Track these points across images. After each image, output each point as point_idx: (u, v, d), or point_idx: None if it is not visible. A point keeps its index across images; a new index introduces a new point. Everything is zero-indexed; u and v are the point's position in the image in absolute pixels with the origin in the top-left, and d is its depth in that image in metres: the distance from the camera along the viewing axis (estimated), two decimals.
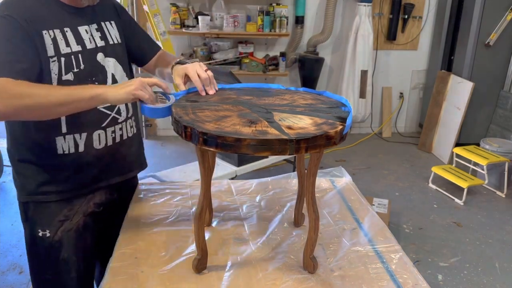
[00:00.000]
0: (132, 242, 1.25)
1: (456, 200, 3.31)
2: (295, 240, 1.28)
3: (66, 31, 1.18)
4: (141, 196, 1.52)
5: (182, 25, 4.13)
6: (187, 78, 1.26)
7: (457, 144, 3.91)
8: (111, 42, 1.29)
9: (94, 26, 1.26)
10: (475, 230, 2.95)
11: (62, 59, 1.16)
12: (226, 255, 1.19)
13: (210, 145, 0.94)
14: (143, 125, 4.51)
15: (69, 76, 1.17)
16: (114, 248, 1.21)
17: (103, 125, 1.28)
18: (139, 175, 1.57)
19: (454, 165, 3.65)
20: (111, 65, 1.29)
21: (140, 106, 1.12)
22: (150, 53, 1.45)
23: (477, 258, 2.63)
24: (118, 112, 1.30)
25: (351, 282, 1.09)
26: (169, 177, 2.60)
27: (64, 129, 1.21)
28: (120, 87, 1.09)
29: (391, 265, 1.17)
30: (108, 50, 1.28)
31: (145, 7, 3.25)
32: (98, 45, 1.25)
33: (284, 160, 3.40)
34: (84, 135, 1.24)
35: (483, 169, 3.37)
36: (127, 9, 3.65)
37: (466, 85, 3.93)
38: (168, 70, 1.36)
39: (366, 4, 4.21)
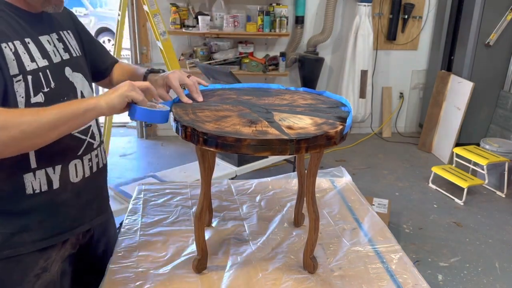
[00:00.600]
0: (131, 242, 1.25)
1: (456, 200, 3.31)
2: (295, 240, 1.28)
3: (28, 43, 0.98)
4: (141, 196, 1.52)
5: (182, 25, 4.13)
6: (169, 87, 1.17)
7: (457, 144, 3.91)
8: (74, 55, 1.11)
9: (55, 36, 1.07)
10: (475, 230, 2.95)
11: (29, 77, 0.95)
12: (226, 255, 1.19)
13: (210, 145, 0.94)
14: (143, 125, 4.51)
15: (39, 98, 0.98)
16: (113, 249, 1.21)
17: (79, 153, 1.09)
18: (140, 175, 1.56)
19: (454, 165, 3.65)
20: (79, 81, 1.11)
21: (131, 110, 1.01)
22: (110, 65, 1.29)
23: (477, 258, 2.63)
24: (93, 136, 1.13)
25: (351, 282, 1.09)
26: (169, 177, 2.60)
27: (33, 164, 1.00)
28: (110, 93, 0.97)
29: (391, 265, 1.17)
30: (74, 64, 1.10)
31: (145, 7, 3.25)
32: (63, 58, 1.07)
33: (284, 160, 3.40)
34: (58, 167, 1.04)
35: (483, 169, 3.37)
36: (127, 9, 3.66)
37: (466, 85, 3.93)
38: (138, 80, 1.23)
39: (366, 4, 4.21)
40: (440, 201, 3.34)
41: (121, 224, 1.37)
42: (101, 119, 3.34)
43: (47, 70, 1.01)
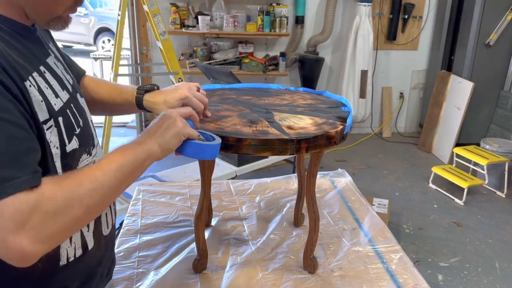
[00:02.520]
0: (131, 242, 1.24)
1: (456, 200, 3.31)
2: (295, 240, 1.28)
3: (44, 72, 0.75)
4: (140, 196, 1.52)
5: (182, 25, 4.13)
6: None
7: (457, 144, 3.91)
8: (70, 74, 0.88)
9: (52, 54, 0.83)
10: (475, 230, 2.95)
11: (60, 119, 0.74)
12: (226, 255, 1.19)
13: None
14: (143, 125, 4.51)
15: (74, 143, 0.77)
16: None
17: None
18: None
19: (454, 165, 3.65)
20: (85, 106, 0.88)
21: (182, 146, 0.85)
22: (81, 76, 1.04)
23: (477, 258, 2.62)
24: None
25: (351, 282, 1.09)
26: (169, 177, 2.60)
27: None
28: (163, 133, 0.81)
29: (391, 265, 1.17)
30: (76, 85, 0.88)
31: (145, 7, 3.25)
32: (70, 81, 0.84)
33: (284, 160, 3.40)
34: (92, 224, 0.84)
35: (483, 169, 3.37)
36: (127, 9, 3.66)
37: (466, 85, 3.93)
38: (126, 101, 1.01)
39: (366, 4, 4.21)
40: (440, 201, 3.33)
41: (121, 224, 1.37)
42: (101, 119, 3.34)
43: (71, 104, 0.80)
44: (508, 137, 3.85)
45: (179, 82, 3.45)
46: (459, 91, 4.01)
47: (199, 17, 4.01)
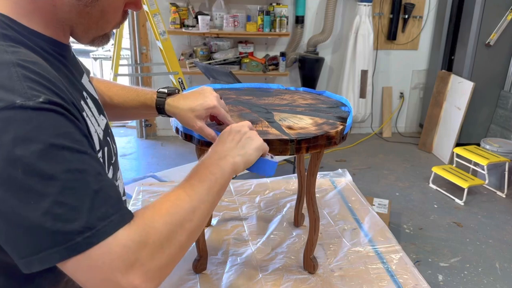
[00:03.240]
0: None
1: (457, 200, 3.31)
2: (295, 240, 1.28)
3: (86, 98, 0.71)
4: (140, 196, 1.52)
5: (182, 25, 4.12)
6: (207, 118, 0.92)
7: (458, 144, 3.90)
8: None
9: (83, 70, 0.79)
10: (475, 230, 2.94)
11: (105, 149, 0.72)
12: (226, 256, 1.19)
13: (210, 145, 0.94)
14: (143, 125, 4.51)
15: (110, 173, 0.74)
16: None
17: None
18: (139, 175, 1.55)
19: (454, 165, 3.65)
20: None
21: (258, 163, 0.83)
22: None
23: (477, 258, 2.62)
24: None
25: (352, 283, 1.09)
26: (169, 177, 2.60)
27: None
28: (244, 146, 0.79)
29: (392, 266, 1.16)
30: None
31: (145, 7, 3.25)
32: (98, 99, 0.78)
33: (284, 160, 3.39)
34: None
35: (483, 169, 3.36)
36: None
37: (466, 85, 3.92)
38: (143, 105, 0.95)
39: (366, 3, 4.21)
40: (440, 201, 3.33)
41: None
42: None
43: (109, 130, 0.76)
44: (509, 137, 3.85)
45: (178, 81, 3.45)
46: (460, 91, 4.01)
47: (199, 17, 4.01)
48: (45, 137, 0.50)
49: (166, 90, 0.94)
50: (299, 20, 4.31)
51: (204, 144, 0.94)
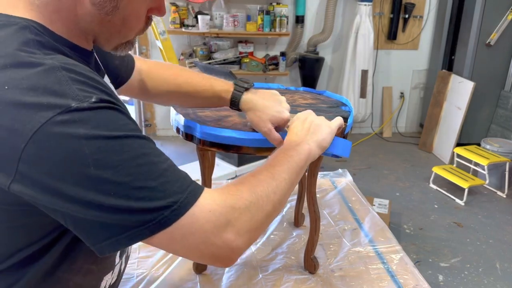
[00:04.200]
0: None
1: (457, 200, 3.30)
2: (295, 240, 1.27)
3: None
4: None
5: (182, 24, 4.12)
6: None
7: (458, 144, 3.90)
8: None
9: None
10: (476, 230, 2.94)
11: None
12: None
13: (211, 145, 0.94)
14: (143, 125, 4.51)
15: None
16: None
17: None
18: None
19: (454, 165, 3.64)
20: None
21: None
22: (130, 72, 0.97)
23: (477, 259, 2.62)
24: None
25: (352, 283, 1.09)
26: None
27: (117, 259, 0.78)
28: (316, 133, 0.82)
29: (392, 266, 1.16)
30: None
31: None
32: None
33: None
34: (129, 249, 0.85)
35: (484, 169, 3.36)
36: None
37: (466, 85, 3.92)
38: (216, 96, 0.94)
39: (367, 3, 4.20)
40: (440, 201, 3.33)
41: None
42: None
43: None
44: (509, 137, 3.84)
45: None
46: (460, 91, 4.00)
47: (199, 17, 4.00)
48: (106, 132, 0.52)
49: (245, 85, 0.94)
50: (299, 20, 4.30)
51: (205, 144, 0.94)
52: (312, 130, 0.82)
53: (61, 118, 0.50)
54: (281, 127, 0.91)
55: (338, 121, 0.88)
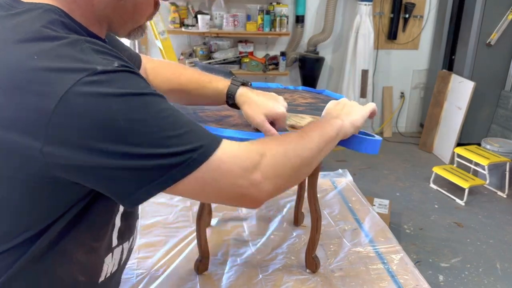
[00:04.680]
0: None
1: (457, 200, 3.30)
2: (295, 240, 1.27)
3: None
4: None
5: (182, 24, 4.11)
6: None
7: (458, 144, 3.89)
8: None
9: None
10: (476, 230, 2.94)
11: None
12: (226, 256, 1.19)
13: None
14: None
15: None
16: None
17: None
18: None
19: (455, 165, 3.64)
20: None
21: (358, 138, 0.88)
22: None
23: (478, 259, 2.62)
24: None
25: (352, 283, 1.09)
26: None
27: (114, 241, 0.76)
28: (349, 113, 0.87)
29: (392, 266, 1.16)
30: None
31: None
32: None
33: None
34: (131, 238, 0.83)
35: (484, 169, 3.36)
36: None
37: (467, 85, 3.92)
38: (215, 92, 0.97)
39: (367, 3, 4.20)
40: (441, 201, 3.32)
41: None
42: None
43: None
44: (509, 137, 3.84)
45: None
46: (460, 90, 4.00)
47: (199, 16, 4.00)
48: (130, 89, 0.57)
49: (241, 80, 0.97)
50: (299, 20, 4.30)
51: None
52: (346, 111, 0.87)
53: (89, 79, 0.54)
54: (280, 124, 0.92)
55: (371, 106, 0.93)
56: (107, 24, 0.70)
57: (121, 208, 0.74)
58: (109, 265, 0.76)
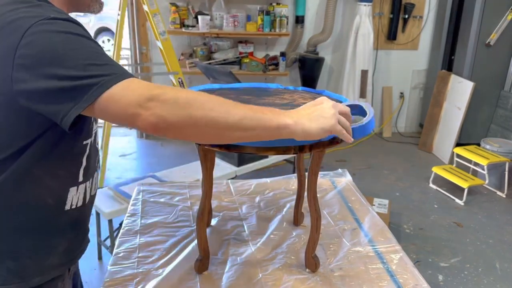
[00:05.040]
0: (131, 243, 1.24)
1: (457, 200, 3.31)
2: (295, 240, 1.27)
3: None
4: (140, 196, 1.52)
5: (182, 24, 4.12)
6: None
7: (458, 144, 3.90)
8: None
9: None
10: (475, 230, 2.94)
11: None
12: (226, 256, 1.19)
13: (214, 145, 0.94)
14: None
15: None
16: (113, 249, 1.21)
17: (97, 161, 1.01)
18: (139, 175, 1.55)
19: (454, 165, 3.65)
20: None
21: None
22: None
23: (477, 259, 2.62)
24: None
25: (352, 283, 1.09)
26: (169, 177, 2.60)
27: (80, 177, 0.91)
28: (310, 119, 0.83)
29: (392, 266, 1.16)
30: None
31: (145, 7, 3.25)
32: None
33: (284, 160, 3.39)
34: (92, 179, 0.97)
35: (483, 169, 3.36)
36: (126, 8, 3.65)
37: (466, 85, 3.92)
38: None
39: (367, 3, 4.21)
40: (440, 201, 3.33)
41: (120, 224, 1.37)
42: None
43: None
44: (509, 137, 3.84)
45: (178, 81, 3.43)
46: (460, 91, 4.00)
47: (199, 17, 4.00)
48: (71, 30, 0.76)
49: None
50: (299, 20, 4.30)
51: (204, 144, 0.94)
52: (310, 116, 0.83)
53: (44, 21, 0.74)
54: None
55: (334, 127, 0.84)
56: (70, 5, 0.89)
57: (88, 151, 0.91)
58: (73, 196, 0.91)
